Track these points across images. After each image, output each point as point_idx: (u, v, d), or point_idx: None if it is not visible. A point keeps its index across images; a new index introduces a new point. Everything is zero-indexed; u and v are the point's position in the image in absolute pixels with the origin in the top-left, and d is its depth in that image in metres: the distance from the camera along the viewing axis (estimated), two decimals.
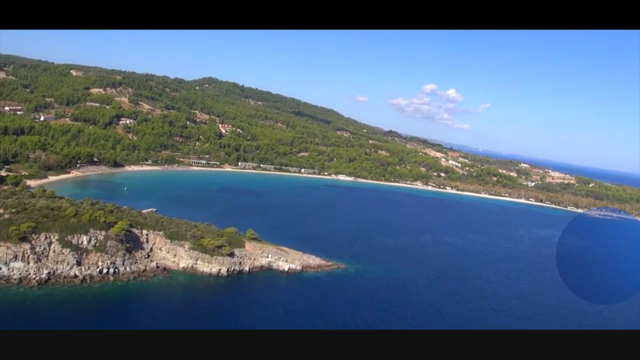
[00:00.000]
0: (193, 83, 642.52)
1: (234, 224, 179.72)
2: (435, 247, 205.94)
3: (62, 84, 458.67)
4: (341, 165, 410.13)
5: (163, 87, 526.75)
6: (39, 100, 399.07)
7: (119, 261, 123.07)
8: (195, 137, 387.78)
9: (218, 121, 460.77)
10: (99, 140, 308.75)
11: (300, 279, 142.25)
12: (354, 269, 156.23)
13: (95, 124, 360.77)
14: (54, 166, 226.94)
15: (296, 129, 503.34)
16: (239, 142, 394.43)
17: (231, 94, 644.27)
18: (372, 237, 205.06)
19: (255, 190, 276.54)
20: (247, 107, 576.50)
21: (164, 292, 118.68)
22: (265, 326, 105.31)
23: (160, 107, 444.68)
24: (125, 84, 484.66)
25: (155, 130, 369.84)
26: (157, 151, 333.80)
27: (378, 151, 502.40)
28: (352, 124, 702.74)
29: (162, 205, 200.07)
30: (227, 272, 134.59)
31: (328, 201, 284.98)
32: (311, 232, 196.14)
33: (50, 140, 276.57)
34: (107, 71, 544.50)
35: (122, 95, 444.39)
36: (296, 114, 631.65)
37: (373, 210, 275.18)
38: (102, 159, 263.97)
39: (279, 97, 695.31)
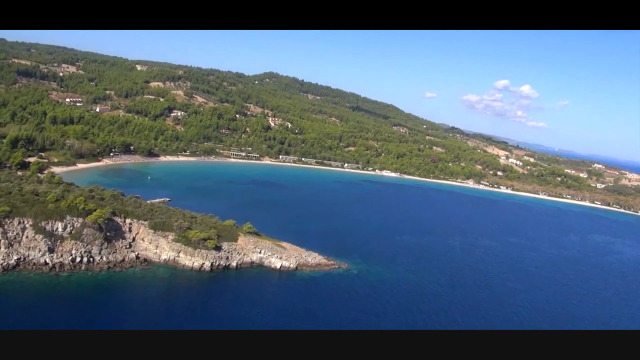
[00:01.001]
0: (253, 78, 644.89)
1: (246, 216, 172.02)
2: (463, 249, 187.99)
3: (125, 77, 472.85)
4: (388, 161, 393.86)
5: (221, 81, 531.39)
6: (100, 92, 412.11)
7: (95, 250, 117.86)
8: (242, 129, 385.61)
9: (270, 114, 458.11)
10: (143, 131, 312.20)
11: (291, 278, 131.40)
12: (358, 270, 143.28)
13: (146, 116, 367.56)
14: (86, 154, 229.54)
15: (349, 124, 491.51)
16: (285, 136, 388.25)
17: (290, 88, 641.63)
18: (394, 235, 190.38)
19: (286, 183, 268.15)
20: (304, 101, 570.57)
21: (134, 285, 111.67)
22: (230, 327, 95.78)
23: (214, 100, 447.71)
24: (184, 78, 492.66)
25: (203, 122, 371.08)
26: (200, 143, 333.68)
27: (433, 147, 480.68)
28: (412, 119, 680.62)
29: (181, 195, 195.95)
30: (211, 267, 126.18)
31: (361, 197, 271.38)
32: (327, 228, 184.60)
33: (94, 130, 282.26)
34: (171, 66, 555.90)
35: (178, 89, 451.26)
36: (354, 109, 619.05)
37: (407, 208, 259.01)
38: (137, 149, 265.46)
39: (338, 92, 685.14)
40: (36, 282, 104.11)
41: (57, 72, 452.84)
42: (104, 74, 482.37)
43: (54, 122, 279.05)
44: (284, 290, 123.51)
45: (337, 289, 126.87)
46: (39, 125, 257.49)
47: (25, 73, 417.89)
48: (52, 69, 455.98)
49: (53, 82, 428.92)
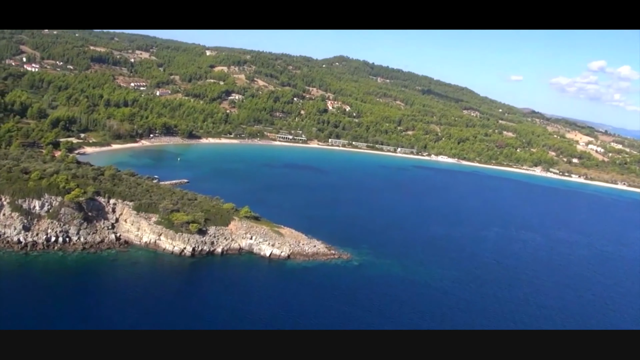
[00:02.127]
0: (322, 62, 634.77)
1: (262, 199, 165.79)
2: (497, 243, 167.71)
3: (192, 63, 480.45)
4: (447, 146, 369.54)
5: (286, 65, 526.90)
6: (165, 77, 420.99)
7: (72, 230, 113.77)
8: (296, 112, 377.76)
9: (332, 97, 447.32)
10: (193, 113, 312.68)
11: (278, 268, 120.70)
12: (360, 262, 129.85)
13: (203, 99, 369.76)
14: (124, 135, 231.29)
15: (414, 107, 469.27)
16: (340, 119, 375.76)
17: (359, 71, 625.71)
18: (421, 225, 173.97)
19: (324, 167, 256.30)
20: (370, 84, 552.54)
21: (102, 268, 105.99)
22: (181, 326, 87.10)
23: (275, 83, 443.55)
24: (250, 62, 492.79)
25: (258, 105, 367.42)
26: (250, 125, 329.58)
27: (503, 132, 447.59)
28: (487, 103, 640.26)
29: (204, 177, 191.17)
30: (193, 252, 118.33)
31: (401, 183, 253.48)
32: (347, 214, 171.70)
33: (144, 112, 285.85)
34: (240, 51, 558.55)
35: (241, 73, 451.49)
36: (424, 92, 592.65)
37: (449, 196, 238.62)
38: (178, 131, 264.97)
39: (409, 75, 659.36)
40: (1, 260, 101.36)
41: (129, 59, 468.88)
42: (174, 60, 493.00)
43: (107, 104, 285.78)
44: (262, 281, 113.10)
45: (324, 282, 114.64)
46: (89, 107, 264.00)
47: (99, 59, 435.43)
48: (124, 56, 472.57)
49: (124, 68, 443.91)
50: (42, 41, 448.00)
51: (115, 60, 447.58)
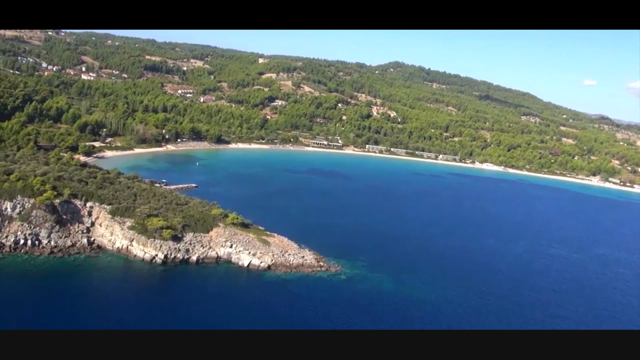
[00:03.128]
0: (376, 68, 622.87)
1: (268, 205, 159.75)
2: (519, 258, 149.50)
3: (243, 70, 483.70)
4: (494, 153, 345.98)
5: (337, 72, 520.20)
6: (213, 84, 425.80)
7: (43, 233, 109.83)
8: (337, 118, 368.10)
9: (379, 103, 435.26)
10: (230, 119, 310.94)
11: (255, 279, 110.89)
12: (349, 275, 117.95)
13: (245, 105, 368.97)
14: (149, 140, 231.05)
15: (466, 113, 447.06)
16: (382, 125, 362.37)
17: (414, 77, 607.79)
18: (437, 236, 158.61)
19: (350, 173, 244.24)
20: (424, 90, 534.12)
21: (61, 274, 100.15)
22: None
23: (322, 90, 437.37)
24: (300, 69, 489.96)
25: (299, 110, 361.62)
26: (287, 131, 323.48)
27: (562, 139, 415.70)
28: (550, 109, 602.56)
29: (216, 181, 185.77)
30: (165, 259, 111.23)
31: (432, 191, 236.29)
32: (355, 223, 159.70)
33: (178, 117, 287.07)
34: (292, 58, 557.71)
35: (289, 80, 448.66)
36: (481, 98, 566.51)
37: (482, 205, 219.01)
38: (206, 136, 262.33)
39: (467, 80, 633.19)
40: None
41: (182, 67, 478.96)
42: (226, 68, 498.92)
43: (146, 110, 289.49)
44: (229, 294, 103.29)
45: (298, 296, 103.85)
46: (126, 112, 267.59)
47: (153, 68, 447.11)
48: (178, 64, 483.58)
49: (175, 76, 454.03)
50: (102, 52, 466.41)
51: (168, 68, 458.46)
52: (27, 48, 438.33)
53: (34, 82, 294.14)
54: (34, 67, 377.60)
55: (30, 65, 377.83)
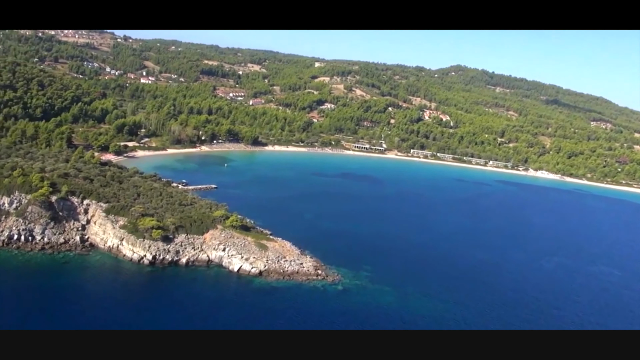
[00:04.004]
0: (435, 71, 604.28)
1: (283, 207, 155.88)
2: (552, 275, 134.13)
3: (298, 74, 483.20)
4: (552, 160, 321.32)
5: (393, 75, 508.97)
6: (265, 87, 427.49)
7: (37, 229, 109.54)
8: (385, 122, 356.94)
9: (433, 107, 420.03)
10: (272, 121, 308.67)
11: (242, 286, 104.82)
12: (347, 286, 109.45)
13: (291, 107, 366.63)
14: (184, 140, 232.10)
15: (527, 118, 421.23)
16: (431, 129, 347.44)
17: (476, 81, 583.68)
18: (460, 247, 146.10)
19: (383, 178, 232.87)
20: (484, 94, 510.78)
21: (44, 270, 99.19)
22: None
23: (375, 93, 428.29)
24: (355, 73, 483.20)
25: (346, 114, 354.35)
26: (330, 134, 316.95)
27: (634, 147, 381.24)
28: (627, 114, 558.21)
29: (240, 183, 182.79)
30: (153, 260, 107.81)
31: (470, 198, 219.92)
32: (370, 230, 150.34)
33: (220, 119, 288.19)
34: (348, 62, 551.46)
35: (341, 83, 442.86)
36: (548, 102, 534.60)
37: (521, 215, 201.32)
38: (243, 137, 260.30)
39: (534, 84, 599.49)
40: None
41: (237, 71, 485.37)
42: (281, 72, 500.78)
43: (190, 112, 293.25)
44: (208, 301, 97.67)
45: (283, 307, 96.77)
46: (169, 114, 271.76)
47: (209, 72, 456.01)
48: (234, 68, 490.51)
49: (231, 79, 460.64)
50: (164, 57, 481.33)
51: (224, 72, 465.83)
52: (96, 54, 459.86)
53: (88, 84, 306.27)
54: (96, 71, 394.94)
55: (94, 70, 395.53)
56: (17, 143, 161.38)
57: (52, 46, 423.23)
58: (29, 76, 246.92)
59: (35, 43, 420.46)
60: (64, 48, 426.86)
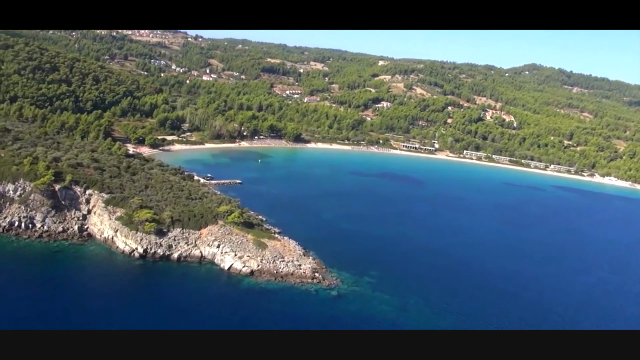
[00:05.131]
0: (507, 70, 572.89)
1: (303, 205, 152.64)
2: (590, 291, 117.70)
3: (358, 72, 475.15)
4: (624, 166, 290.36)
5: (458, 74, 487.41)
6: (324, 85, 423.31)
7: (38, 217, 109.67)
8: (442, 121, 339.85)
9: (498, 107, 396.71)
10: (321, 119, 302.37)
11: (228, 285, 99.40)
12: (344, 292, 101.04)
13: (344, 105, 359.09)
14: (224, 135, 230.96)
15: (603, 119, 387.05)
16: (491, 129, 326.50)
17: (550, 80, 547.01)
18: (487, 255, 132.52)
19: (424, 179, 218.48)
20: (558, 94, 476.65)
21: (31, 258, 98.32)
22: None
23: (436, 92, 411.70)
24: (418, 71, 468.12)
25: (401, 112, 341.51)
26: (381, 133, 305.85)
27: None
28: None
29: (268, 179, 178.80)
30: (145, 253, 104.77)
31: (511, 204, 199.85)
32: (388, 233, 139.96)
33: (267, 115, 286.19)
34: (413, 61, 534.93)
35: (402, 82, 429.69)
36: (632, 104, 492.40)
37: (573, 225, 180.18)
38: (284, 134, 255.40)
39: (616, 84, 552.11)
40: None
41: (298, 69, 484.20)
42: (343, 70, 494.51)
43: (240, 108, 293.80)
44: (179, 296, 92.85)
45: (254, 311, 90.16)
46: (217, 109, 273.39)
47: (270, 70, 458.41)
48: (295, 66, 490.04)
49: (291, 77, 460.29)
50: (228, 55, 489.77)
51: (285, 70, 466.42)
52: (165, 52, 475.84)
53: (146, 80, 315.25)
54: (160, 68, 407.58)
55: (158, 67, 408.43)
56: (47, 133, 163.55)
57: (123, 45, 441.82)
58: (86, 71, 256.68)
59: (108, 42, 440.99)
60: (134, 46, 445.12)
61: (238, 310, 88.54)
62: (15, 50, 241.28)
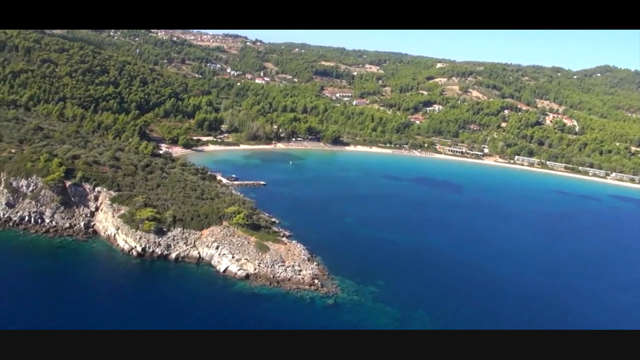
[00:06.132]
0: (577, 73, 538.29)
1: (325, 207, 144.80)
2: (624, 311, 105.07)
3: (414, 75, 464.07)
4: None
5: (520, 76, 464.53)
6: (374, 88, 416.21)
7: (48, 212, 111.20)
8: (495, 125, 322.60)
9: (561, 111, 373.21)
10: (365, 121, 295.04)
11: (221, 288, 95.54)
12: (340, 301, 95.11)
13: (397, 109, 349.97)
14: (261, 137, 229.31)
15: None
16: (548, 134, 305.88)
17: (625, 83, 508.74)
18: (503, 267, 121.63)
19: (463, 185, 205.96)
20: (631, 97, 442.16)
21: (31, 252, 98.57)
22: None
23: (494, 95, 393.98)
24: (477, 74, 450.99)
25: (452, 116, 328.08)
26: (427, 136, 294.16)
27: None
28: None
29: (296, 181, 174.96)
30: (143, 252, 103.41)
31: (557, 214, 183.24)
32: (411, 241, 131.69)
33: (310, 117, 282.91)
34: (474, 63, 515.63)
35: (457, 84, 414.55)
36: None
37: (624, 239, 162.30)
38: (323, 136, 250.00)
39: None
40: None
41: (351, 72, 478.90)
42: (398, 73, 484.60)
43: (284, 110, 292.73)
44: (164, 298, 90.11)
45: (246, 317, 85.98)
46: (260, 111, 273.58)
47: (323, 73, 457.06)
48: (349, 69, 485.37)
49: (344, 80, 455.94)
50: (283, 58, 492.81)
51: (338, 73, 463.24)
52: (223, 56, 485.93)
53: (195, 83, 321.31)
54: (214, 71, 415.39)
55: (212, 70, 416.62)
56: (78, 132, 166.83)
57: (182, 49, 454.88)
58: (135, 74, 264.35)
59: (168, 46, 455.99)
60: (192, 51, 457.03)
61: (219, 313, 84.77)
62: (70, 53, 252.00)
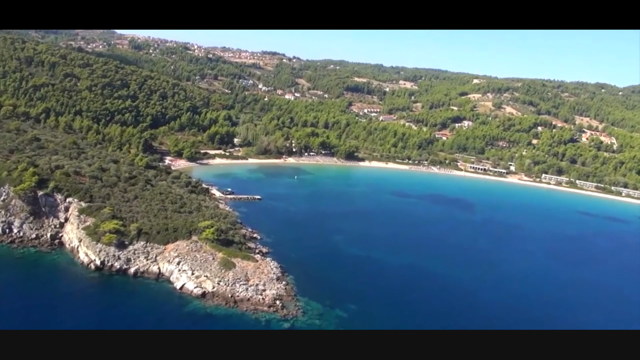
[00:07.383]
0: (623, 89, 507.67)
1: (319, 225, 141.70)
2: None
3: (446, 91, 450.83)
4: None
5: (559, 92, 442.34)
6: (404, 104, 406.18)
7: (16, 222, 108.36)
8: (525, 142, 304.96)
9: (600, 128, 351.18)
10: (387, 137, 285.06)
11: (172, 308, 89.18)
12: (297, 325, 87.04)
13: (424, 125, 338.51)
14: (272, 151, 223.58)
15: None
16: (580, 152, 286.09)
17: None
18: (503, 295, 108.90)
19: (476, 204, 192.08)
20: None
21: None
22: None
23: (529, 111, 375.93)
24: (513, 90, 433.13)
25: (480, 132, 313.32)
26: (451, 153, 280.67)
27: None
28: None
29: (293, 195, 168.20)
30: (102, 265, 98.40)
31: (578, 236, 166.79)
32: (402, 263, 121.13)
33: (329, 133, 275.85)
34: (511, 79, 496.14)
35: (490, 101, 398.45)
36: None
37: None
38: (335, 152, 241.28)
39: None
40: None
41: (383, 88, 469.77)
42: (432, 89, 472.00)
43: (304, 125, 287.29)
44: (111, 317, 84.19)
45: None
46: (277, 126, 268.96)
47: (355, 89, 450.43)
48: (381, 85, 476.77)
49: (375, 96, 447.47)
50: (316, 74, 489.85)
51: (369, 89, 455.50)
52: (257, 72, 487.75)
53: (217, 98, 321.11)
54: (245, 87, 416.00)
55: (243, 86, 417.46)
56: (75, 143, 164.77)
57: (216, 65, 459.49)
58: (155, 88, 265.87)
59: (203, 63, 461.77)
60: (225, 67, 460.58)
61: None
62: (93, 68, 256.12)
